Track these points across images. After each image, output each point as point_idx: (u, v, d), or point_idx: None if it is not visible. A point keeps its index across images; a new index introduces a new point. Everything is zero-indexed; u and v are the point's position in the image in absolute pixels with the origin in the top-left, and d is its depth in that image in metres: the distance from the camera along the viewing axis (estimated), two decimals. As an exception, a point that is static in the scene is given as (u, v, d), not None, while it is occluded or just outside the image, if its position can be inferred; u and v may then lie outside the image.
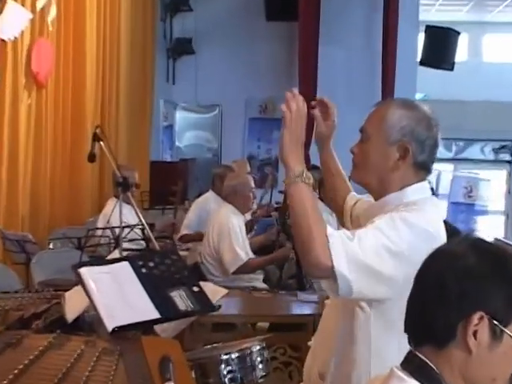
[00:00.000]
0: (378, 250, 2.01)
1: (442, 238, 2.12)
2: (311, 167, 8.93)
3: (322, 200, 6.47)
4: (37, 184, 6.39)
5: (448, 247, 1.50)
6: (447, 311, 1.40)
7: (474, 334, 1.39)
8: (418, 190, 2.21)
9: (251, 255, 5.45)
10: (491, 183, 12.32)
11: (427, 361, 1.43)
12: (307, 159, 10.98)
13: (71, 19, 7.07)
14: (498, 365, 1.42)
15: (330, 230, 1.99)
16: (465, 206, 11.97)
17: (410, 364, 1.45)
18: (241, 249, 5.32)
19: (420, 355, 1.44)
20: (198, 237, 6.07)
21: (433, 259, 1.48)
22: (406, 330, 1.49)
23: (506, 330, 1.39)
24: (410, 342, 1.49)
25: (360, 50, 11.67)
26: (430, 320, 1.42)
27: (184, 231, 6.57)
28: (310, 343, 2.46)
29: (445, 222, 2.30)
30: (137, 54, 9.79)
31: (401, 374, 1.44)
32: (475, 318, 1.38)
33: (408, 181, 2.20)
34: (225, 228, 5.35)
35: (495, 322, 1.38)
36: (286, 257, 5.49)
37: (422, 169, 2.22)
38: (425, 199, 2.20)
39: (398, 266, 2.01)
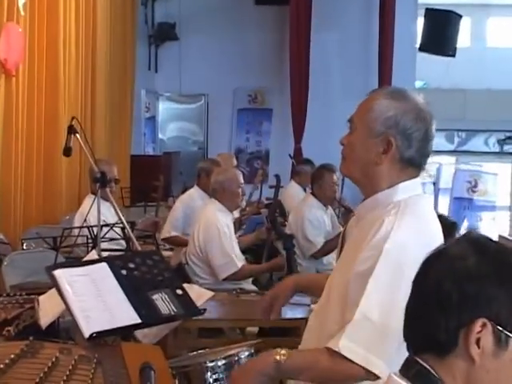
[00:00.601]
0: (392, 308, 1.97)
1: (438, 236, 2.12)
2: (303, 161, 8.94)
3: (314, 196, 6.54)
4: (8, 180, 6.35)
5: (446, 248, 1.47)
6: (447, 318, 1.38)
7: (477, 342, 1.36)
8: (408, 188, 2.18)
9: (241, 258, 5.45)
10: (497, 177, 12.35)
11: (428, 367, 1.41)
12: (299, 152, 11.01)
13: (45, 4, 7.03)
14: (504, 373, 1.39)
15: (335, 344, 1.99)
16: (468, 201, 11.98)
17: (409, 370, 1.43)
18: (231, 252, 5.31)
19: (421, 361, 1.42)
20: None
21: (430, 261, 1.45)
22: (404, 338, 1.48)
23: (511, 335, 1.36)
24: (408, 349, 1.47)
25: (355, 35, 11.68)
26: (430, 328, 1.40)
27: (172, 232, 6.51)
28: None
29: (440, 215, 2.29)
30: (116, 40, 9.75)
31: (399, 380, 1.43)
32: (477, 324, 1.35)
33: (395, 177, 2.17)
34: (213, 228, 5.32)
35: (499, 327, 1.36)
36: (281, 267, 5.50)
37: (410, 165, 2.18)
38: (416, 197, 2.18)
39: None
